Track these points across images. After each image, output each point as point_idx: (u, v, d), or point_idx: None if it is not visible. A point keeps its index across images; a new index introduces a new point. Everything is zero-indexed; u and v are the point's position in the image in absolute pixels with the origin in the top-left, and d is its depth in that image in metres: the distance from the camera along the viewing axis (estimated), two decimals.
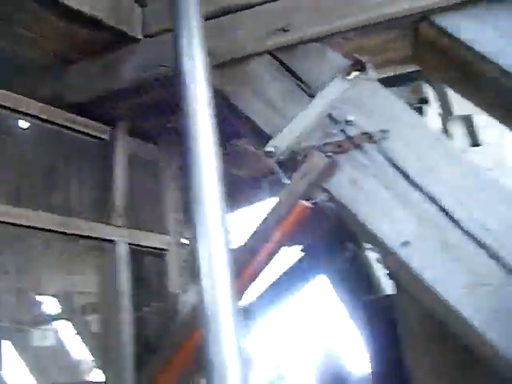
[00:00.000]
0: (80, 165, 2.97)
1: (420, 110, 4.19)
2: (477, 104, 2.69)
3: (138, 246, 2.85)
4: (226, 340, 1.60)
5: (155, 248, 2.96)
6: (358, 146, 2.11)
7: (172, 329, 2.81)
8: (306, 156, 2.12)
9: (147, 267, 2.98)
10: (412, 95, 4.10)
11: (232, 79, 2.45)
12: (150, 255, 2.97)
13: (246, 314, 2.66)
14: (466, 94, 2.70)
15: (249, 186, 3.45)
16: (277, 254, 2.20)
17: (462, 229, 1.92)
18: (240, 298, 2.19)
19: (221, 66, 2.42)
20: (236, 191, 3.34)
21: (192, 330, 2.15)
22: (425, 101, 4.33)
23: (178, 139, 1.98)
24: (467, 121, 4.56)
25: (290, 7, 2.43)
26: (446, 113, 4.53)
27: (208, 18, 2.28)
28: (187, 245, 3.06)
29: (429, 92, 4.32)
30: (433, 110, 4.37)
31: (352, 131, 2.15)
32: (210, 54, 2.13)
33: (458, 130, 4.54)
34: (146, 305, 2.87)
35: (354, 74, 2.23)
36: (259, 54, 2.44)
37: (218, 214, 1.76)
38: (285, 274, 3.02)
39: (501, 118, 2.59)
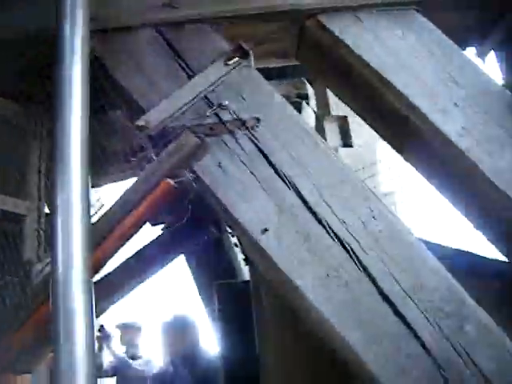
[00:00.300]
0: None
1: (299, 105, 4.29)
2: (351, 106, 2.78)
3: None
4: (77, 313, 1.58)
5: (12, 213, 2.84)
6: (229, 131, 2.12)
7: (23, 298, 2.72)
8: (177, 135, 2.11)
9: (3, 232, 2.86)
10: (292, 90, 4.19)
11: (113, 48, 2.38)
12: (6, 220, 2.85)
13: (102, 287, 2.61)
14: (342, 95, 2.79)
15: (120, 160, 3.38)
16: (137, 230, 2.18)
17: (320, 221, 1.99)
18: (96, 271, 2.16)
19: (103, 32, 2.35)
20: (106, 164, 3.27)
21: (43, 300, 2.10)
22: (304, 96, 4.44)
23: (49, 104, 1.92)
24: (342, 121, 4.70)
25: None
26: (324, 111, 4.66)
27: None
28: (47, 213, 2.96)
29: (308, 89, 4.43)
30: (310, 106, 4.49)
31: (225, 116, 2.16)
32: (94, 18, 2.07)
33: (332, 129, 4.68)
34: None
35: (235, 59, 2.24)
36: (144, 27, 2.39)
37: (80, 185, 1.72)
38: (144, 250, 3.00)
39: (371, 122, 2.70)
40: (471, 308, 1.87)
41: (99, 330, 5.65)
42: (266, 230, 1.97)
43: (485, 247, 2.52)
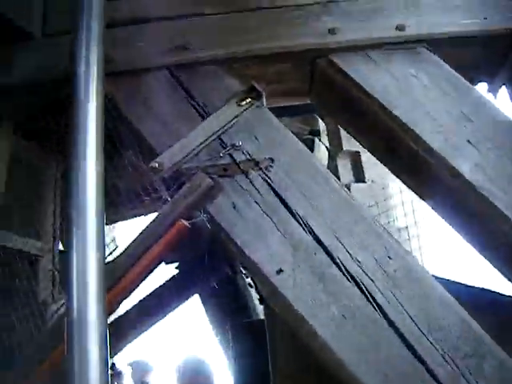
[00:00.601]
0: None
1: (311, 142, 4.31)
2: (364, 145, 2.79)
3: (10, 249, 2.73)
4: (92, 353, 1.57)
5: (28, 253, 2.84)
6: (243, 172, 2.14)
7: (38, 338, 2.71)
8: (191, 176, 2.12)
9: (18, 273, 2.86)
10: (304, 126, 4.21)
11: (126, 90, 2.41)
12: (21, 260, 2.85)
13: (116, 327, 2.61)
14: (354, 133, 2.79)
15: (133, 199, 3.40)
16: (152, 271, 2.18)
17: (334, 261, 1.98)
18: (111, 312, 2.15)
19: (117, 74, 2.37)
20: (119, 203, 3.28)
21: (59, 340, 2.09)
22: (316, 133, 4.46)
23: (63, 143, 1.94)
24: (355, 157, 4.71)
25: (193, 26, 2.45)
26: (336, 147, 4.67)
27: (111, 25, 2.25)
28: (62, 252, 2.97)
29: (321, 125, 4.45)
30: (323, 142, 4.51)
31: (239, 156, 2.17)
32: (108, 60, 2.10)
33: (345, 165, 4.69)
34: (14, 312, 2.75)
35: (248, 100, 2.26)
36: (157, 69, 2.42)
37: (95, 224, 1.73)
38: (159, 290, 3.00)
39: (384, 160, 2.70)
40: (489, 346, 1.85)
41: (111, 368, 5.61)
42: (280, 270, 1.96)
43: (501, 284, 2.50)
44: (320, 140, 4.47)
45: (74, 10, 2.08)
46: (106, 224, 1.95)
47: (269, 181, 2.12)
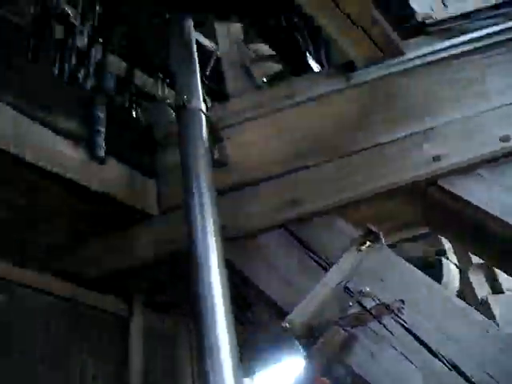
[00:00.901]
0: (95, 340, 2.89)
1: (439, 263, 4.20)
2: (490, 263, 2.70)
3: None
4: None
5: None
6: (375, 317, 2.09)
7: None
8: (324, 331, 2.10)
9: None
10: (429, 248, 4.12)
11: (245, 252, 2.47)
12: None
13: None
14: (478, 252, 2.73)
15: (266, 348, 3.39)
16: None
17: None
18: None
19: (234, 239, 2.44)
20: (253, 355, 3.28)
21: None
22: (443, 252, 4.34)
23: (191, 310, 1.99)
24: (487, 268, 4.53)
25: (299, 181, 2.52)
26: (466, 262, 4.52)
27: (221, 192, 2.37)
28: None
29: (445, 243, 4.34)
30: (451, 261, 4.37)
31: (368, 302, 2.14)
32: (223, 227, 2.18)
33: (479, 279, 4.51)
34: None
35: (367, 244, 2.26)
36: (271, 228, 2.48)
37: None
38: None
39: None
40: None
41: None
42: None
43: None
44: (448, 259, 4.34)
45: (185, 182, 2.21)
46: (245, 377, 1.96)
47: (403, 323, 2.06)
